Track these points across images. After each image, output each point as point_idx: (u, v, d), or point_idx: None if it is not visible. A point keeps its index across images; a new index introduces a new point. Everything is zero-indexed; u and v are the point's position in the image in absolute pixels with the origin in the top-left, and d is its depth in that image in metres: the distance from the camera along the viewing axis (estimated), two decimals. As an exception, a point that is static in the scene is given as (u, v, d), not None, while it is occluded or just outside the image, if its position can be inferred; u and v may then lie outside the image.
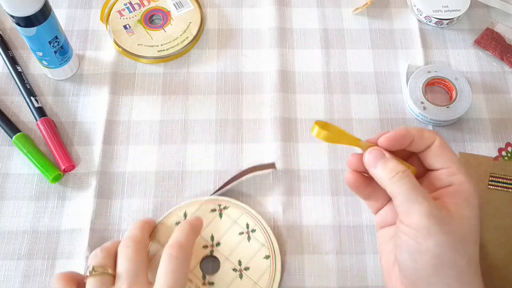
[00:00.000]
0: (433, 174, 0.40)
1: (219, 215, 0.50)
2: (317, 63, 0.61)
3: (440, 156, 0.40)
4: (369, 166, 0.40)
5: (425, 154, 0.40)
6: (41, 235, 0.51)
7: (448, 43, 0.62)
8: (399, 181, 0.38)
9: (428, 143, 0.40)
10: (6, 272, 0.49)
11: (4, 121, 0.55)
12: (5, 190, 0.53)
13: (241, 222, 0.50)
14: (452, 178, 0.39)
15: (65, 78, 0.59)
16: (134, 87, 0.59)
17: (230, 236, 0.49)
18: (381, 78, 0.60)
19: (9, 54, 0.59)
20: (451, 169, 0.39)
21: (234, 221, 0.50)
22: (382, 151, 0.40)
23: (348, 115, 0.57)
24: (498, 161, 0.54)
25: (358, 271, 0.49)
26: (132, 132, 0.56)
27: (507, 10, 0.64)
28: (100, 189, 0.53)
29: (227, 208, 0.50)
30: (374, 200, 0.43)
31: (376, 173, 0.39)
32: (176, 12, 0.63)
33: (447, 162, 0.39)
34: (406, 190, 0.37)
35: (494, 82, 0.60)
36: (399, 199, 0.37)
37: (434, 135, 0.40)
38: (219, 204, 0.50)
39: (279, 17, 0.63)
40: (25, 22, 0.50)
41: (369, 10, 0.64)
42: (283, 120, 0.57)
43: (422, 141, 0.40)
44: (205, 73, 0.60)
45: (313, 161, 0.55)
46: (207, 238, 0.49)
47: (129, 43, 0.60)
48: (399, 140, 0.40)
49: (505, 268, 0.48)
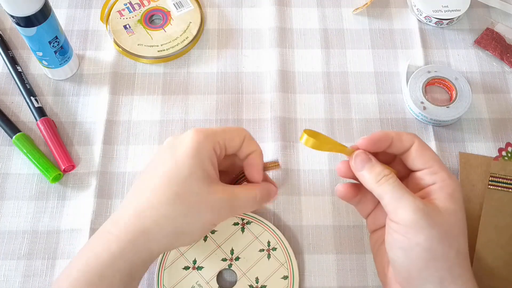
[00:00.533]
0: (416, 175, 0.42)
1: (241, 229, 0.50)
2: (317, 63, 0.61)
3: (420, 157, 0.41)
4: (356, 170, 0.42)
5: (406, 156, 0.42)
6: (41, 235, 0.51)
7: (448, 43, 0.62)
8: (385, 182, 0.39)
9: (407, 145, 0.42)
10: (6, 272, 0.49)
11: (4, 121, 0.55)
12: (5, 190, 0.53)
13: (262, 239, 0.49)
14: (435, 176, 0.40)
15: (65, 78, 0.59)
16: (134, 87, 0.59)
17: (250, 252, 0.49)
18: (381, 78, 0.60)
19: (9, 54, 0.59)
20: (433, 168, 0.41)
21: (255, 237, 0.49)
22: (368, 156, 0.41)
23: (348, 115, 0.57)
24: (498, 161, 0.54)
25: (358, 271, 0.49)
26: (132, 132, 0.56)
27: (507, 10, 0.64)
28: (100, 189, 0.53)
29: (250, 223, 0.50)
30: (364, 204, 0.45)
31: (363, 176, 0.41)
32: (176, 12, 0.63)
33: (428, 162, 0.41)
34: (392, 189, 0.39)
35: (494, 82, 0.60)
36: (386, 199, 0.39)
37: (413, 137, 0.42)
38: (242, 218, 0.50)
39: (279, 17, 0.63)
40: (25, 22, 0.50)
41: (369, 10, 0.64)
42: (283, 120, 0.57)
43: (401, 143, 0.42)
44: (205, 73, 0.60)
45: (313, 161, 0.55)
46: (227, 251, 0.49)
47: (129, 43, 0.60)
48: (377, 142, 0.41)
49: (505, 268, 0.48)
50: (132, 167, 0.54)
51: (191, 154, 0.39)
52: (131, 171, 0.54)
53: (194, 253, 0.49)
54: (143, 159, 0.54)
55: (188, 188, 0.39)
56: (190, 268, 0.48)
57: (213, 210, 0.40)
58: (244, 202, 0.42)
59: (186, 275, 0.47)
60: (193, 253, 0.48)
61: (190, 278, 0.47)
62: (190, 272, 0.48)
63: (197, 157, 0.39)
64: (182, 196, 0.39)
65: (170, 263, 0.48)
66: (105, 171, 0.54)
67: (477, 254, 0.49)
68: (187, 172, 0.39)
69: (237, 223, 0.50)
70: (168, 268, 0.48)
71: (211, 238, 0.49)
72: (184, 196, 0.39)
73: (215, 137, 0.41)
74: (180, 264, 0.48)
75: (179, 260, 0.48)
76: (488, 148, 0.56)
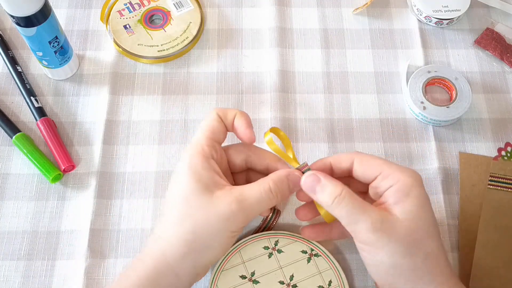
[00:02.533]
0: (373, 185, 0.41)
1: (307, 259, 0.48)
2: (317, 63, 0.61)
3: (366, 168, 0.41)
4: (309, 192, 0.41)
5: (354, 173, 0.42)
6: (41, 235, 0.50)
7: (448, 43, 0.62)
8: (339, 205, 0.39)
9: (348, 164, 0.42)
10: (6, 273, 0.49)
11: (4, 121, 0.55)
12: (5, 190, 0.52)
13: (325, 276, 0.48)
14: (387, 180, 0.40)
15: (65, 78, 0.59)
16: (134, 87, 0.59)
17: (309, 284, 0.47)
18: (381, 78, 0.60)
19: (9, 54, 0.59)
20: (383, 173, 0.40)
21: (319, 272, 0.48)
22: (317, 175, 0.40)
23: (348, 115, 0.57)
24: (498, 161, 0.54)
25: (358, 271, 0.49)
26: (132, 132, 0.56)
27: (507, 10, 0.64)
28: (100, 189, 0.53)
29: (318, 256, 0.48)
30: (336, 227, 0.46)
31: (317, 199, 0.41)
32: (176, 12, 0.63)
33: (376, 169, 0.41)
34: (347, 211, 0.38)
35: (494, 82, 0.60)
36: (344, 222, 0.39)
37: (351, 154, 0.42)
38: (311, 248, 0.49)
39: (279, 17, 0.63)
40: (25, 22, 0.50)
41: (369, 10, 0.64)
42: (283, 120, 0.56)
43: (341, 164, 0.42)
44: (205, 73, 0.60)
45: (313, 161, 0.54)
46: (287, 275, 0.48)
47: (129, 43, 0.60)
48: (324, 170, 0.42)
49: (505, 268, 0.48)
50: (132, 167, 0.54)
51: (186, 172, 0.40)
52: (131, 171, 0.54)
53: (255, 265, 0.48)
54: (143, 159, 0.54)
55: (190, 205, 0.39)
56: (247, 278, 0.47)
57: (223, 219, 0.39)
58: (256, 199, 0.40)
59: (240, 284, 0.47)
60: (254, 265, 0.48)
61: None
62: (245, 282, 0.47)
63: (192, 172, 0.40)
64: (188, 214, 0.39)
65: (229, 266, 0.48)
66: (105, 171, 0.54)
67: (477, 254, 0.49)
68: (187, 191, 0.39)
69: (305, 251, 0.49)
70: (226, 271, 0.47)
71: (275, 257, 0.48)
72: (188, 213, 0.39)
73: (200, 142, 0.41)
74: (239, 271, 0.47)
75: (239, 267, 0.48)
76: (488, 148, 0.56)
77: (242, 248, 0.48)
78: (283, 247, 0.49)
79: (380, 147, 0.56)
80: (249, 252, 0.48)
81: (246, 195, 0.40)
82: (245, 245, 0.48)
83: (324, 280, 0.48)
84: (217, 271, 0.47)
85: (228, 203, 0.39)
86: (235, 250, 0.48)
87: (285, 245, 0.49)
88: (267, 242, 0.49)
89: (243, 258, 0.48)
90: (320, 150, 0.55)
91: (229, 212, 0.39)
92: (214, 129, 0.43)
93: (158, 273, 0.39)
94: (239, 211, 0.39)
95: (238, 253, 0.48)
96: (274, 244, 0.49)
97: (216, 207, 0.39)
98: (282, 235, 0.49)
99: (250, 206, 0.40)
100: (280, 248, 0.49)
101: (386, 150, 0.55)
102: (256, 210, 0.40)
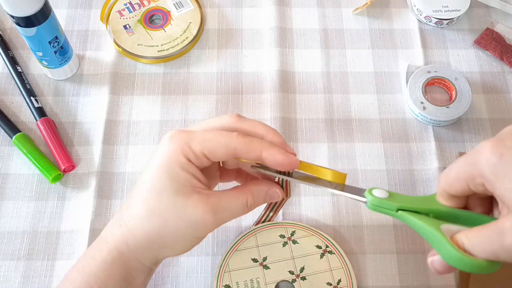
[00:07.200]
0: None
1: (320, 254, 0.49)
2: (317, 63, 0.61)
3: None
4: None
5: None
6: (41, 236, 0.51)
7: (448, 43, 0.62)
8: None
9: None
10: (6, 273, 0.49)
11: (4, 121, 0.55)
12: (5, 190, 0.53)
13: (335, 274, 0.48)
14: None
15: (65, 78, 0.59)
16: (134, 87, 0.59)
17: (318, 279, 0.48)
18: (381, 78, 0.60)
19: (9, 54, 0.59)
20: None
21: (330, 269, 0.48)
22: None
23: (348, 115, 0.57)
24: (498, 161, 0.54)
25: (358, 271, 0.49)
26: (132, 132, 0.56)
27: (507, 10, 0.64)
28: (100, 189, 0.53)
29: (331, 253, 0.49)
30: None
31: None
32: (176, 12, 0.63)
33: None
34: None
35: (494, 82, 0.60)
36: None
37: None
38: (326, 245, 0.49)
39: (279, 17, 0.63)
40: (25, 22, 0.50)
41: (369, 10, 0.64)
42: (283, 120, 0.56)
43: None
44: (205, 73, 0.60)
45: (313, 161, 0.55)
46: (298, 266, 0.48)
47: (129, 43, 0.60)
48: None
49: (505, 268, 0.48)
50: (132, 167, 0.54)
51: (163, 166, 0.37)
52: (131, 171, 0.54)
53: (268, 251, 0.48)
54: (143, 159, 0.54)
55: (162, 203, 0.37)
56: (258, 262, 0.48)
57: (192, 225, 0.37)
58: (231, 212, 0.39)
59: (251, 266, 0.48)
60: (267, 251, 0.48)
61: (253, 271, 0.47)
62: (256, 266, 0.48)
63: (169, 169, 0.37)
64: (156, 211, 0.37)
65: (243, 248, 0.48)
66: (105, 171, 0.54)
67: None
68: (160, 186, 0.37)
69: (319, 246, 0.49)
70: (239, 251, 0.48)
71: (289, 247, 0.49)
72: (158, 212, 0.37)
73: (190, 145, 0.37)
74: (251, 254, 0.48)
75: (252, 250, 0.48)
76: (488, 148, 0.56)
77: (258, 232, 0.49)
78: (299, 238, 0.49)
79: (380, 147, 0.56)
80: (265, 237, 0.49)
81: (222, 205, 0.38)
82: (262, 230, 0.49)
83: (334, 278, 0.48)
84: (230, 250, 0.48)
85: (202, 212, 0.37)
86: (251, 233, 0.49)
87: (301, 237, 0.49)
88: (284, 231, 0.49)
89: (258, 242, 0.49)
90: (320, 150, 0.55)
91: (201, 221, 0.37)
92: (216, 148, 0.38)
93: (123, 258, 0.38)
94: (212, 222, 0.38)
95: (254, 237, 0.49)
96: (290, 234, 0.49)
97: (188, 214, 0.37)
98: (300, 227, 0.49)
99: (224, 218, 0.39)
100: (295, 239, 0.49)
101: (386, 150, 0.55)
102: (228, 220, 0.39)
